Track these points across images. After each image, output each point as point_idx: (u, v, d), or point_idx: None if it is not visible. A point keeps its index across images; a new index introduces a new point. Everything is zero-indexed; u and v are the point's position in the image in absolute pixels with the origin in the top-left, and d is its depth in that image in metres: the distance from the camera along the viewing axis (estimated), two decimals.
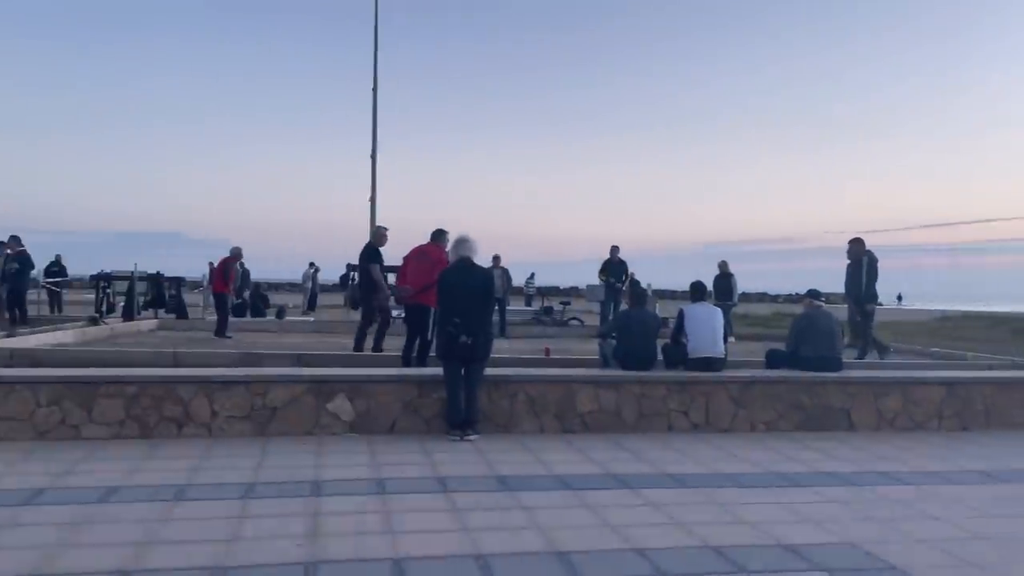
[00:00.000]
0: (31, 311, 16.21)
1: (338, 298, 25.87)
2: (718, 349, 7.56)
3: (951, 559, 3.94)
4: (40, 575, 3.39)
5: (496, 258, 16.33)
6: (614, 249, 17.36)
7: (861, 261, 10.81)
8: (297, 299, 27.89)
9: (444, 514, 4.43)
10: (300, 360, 9.64)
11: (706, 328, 7.54)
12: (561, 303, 21.55)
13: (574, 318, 20.25)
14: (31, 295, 16.79)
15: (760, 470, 5.78)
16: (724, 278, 16.84)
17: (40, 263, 17.80)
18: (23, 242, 15.29)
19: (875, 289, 10.89)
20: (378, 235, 10.41)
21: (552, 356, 10.82)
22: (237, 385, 6.41)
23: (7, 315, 15.05)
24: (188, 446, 5.99)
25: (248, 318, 18.83)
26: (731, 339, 12.28)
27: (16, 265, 14.79)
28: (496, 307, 16.12)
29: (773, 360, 8.20)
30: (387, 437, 6.51)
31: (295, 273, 30.10)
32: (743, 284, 17.94)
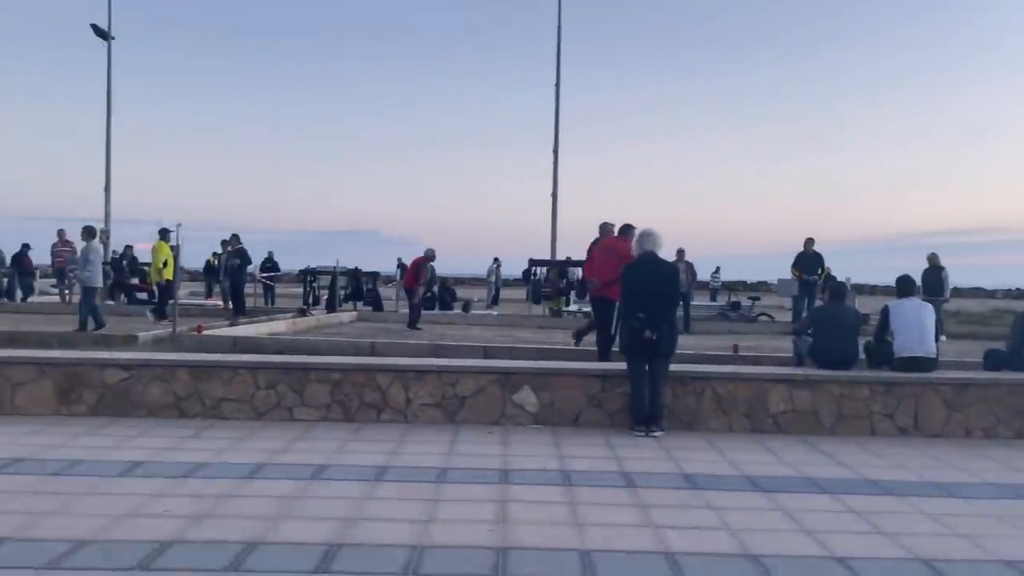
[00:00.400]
0: (248, 303, 17.85)
1: (520, 292, 26.43)
2: (928, 348, 6.96)
3: None
4: (261, 542, 3.73)
5: (680, 252, 15.99)
6: (808, 241, 16.43)
7: None
8: (482, 293, 28.80)
9: (630, 509, 4.41)
10: (486, 352, 9.94)
11: (914, 325, 6.97)
12: (749, 298, 20.77)
13: (763, 314, 19.46)
14: (248, 288, 18.49)
15: (977, 480, 5.27)
16: (934, 272, 15.46)
17: (256, 259, 19.55)
18: (241, 240, 16.87)
19: None
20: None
21: (740, 353, 10.44)
22: (430, 375, 6.72)
23: (229, 306, 16.71)
24: (386, 430, 6.36)
25: (436, 311, 19.69)
26: (942, 338, 11.29)
27: (237, 261, 16.34)
28: (680, 302, 15.83)
29: (992, 361, 7.45)
30: (571, 429, 6.57)
31: (479, 268, 31.11)
32: (954, 278, 16.41)
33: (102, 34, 22.42)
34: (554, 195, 24.00)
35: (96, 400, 6.69)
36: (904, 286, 7.45)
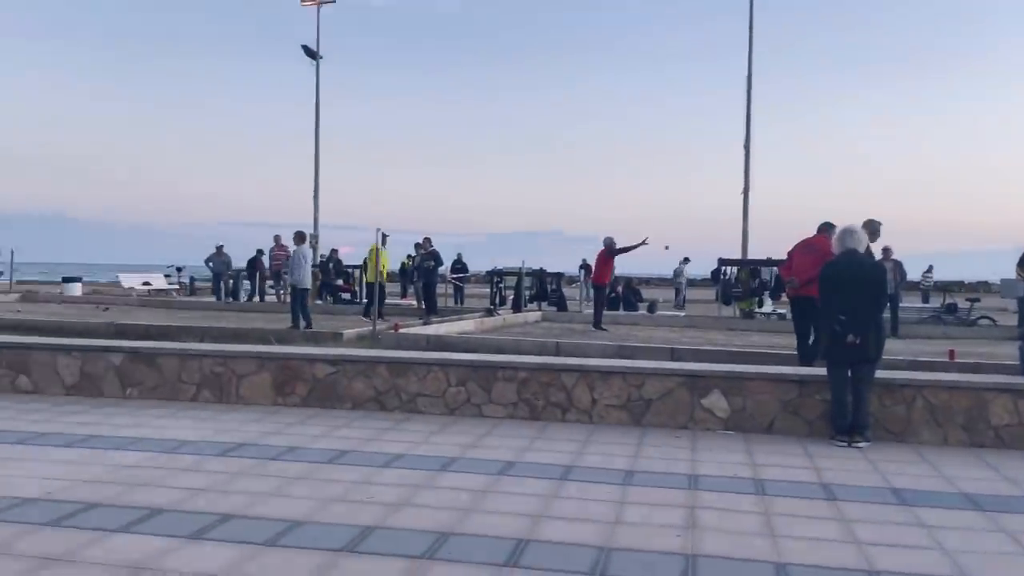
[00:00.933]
0: (439, 303, 18.65)
1: (709, 293, 25.69)
2: None
3: None
4: (452, 533, 3.88)
5: (887, 250, 14.83)
6: None
7: None
8: (668, 293, 28.30)
9: (830, 523, 4.15)
10: (673, 354, 9.75)
11: None
12: (967, 299, 18.91)
13: (984, 317, 17.67)
14: (439, 289, 19.32)
15: None
16: None
17: (446, 261, 20.39)
18: (433, 243, 17.66)
19: None
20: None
21: (957, 360, 9.53)
22: (615, 376, 6.69)
23: (422, 306, 17.56)
24: (571, 430, 6.41)
25: (621, 312, 19.58)
26: None
27: (431, 263, 17.14)
28: (887, 304, 14.70)
29: None
30: (764, 437, 6.29)
31: (665, 268, 30.59)
32: None
33: (311, 54, 24.33)
34: (745, 192, 23.15)
35: (307, 392, 7.26)
36: None
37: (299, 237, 13.80)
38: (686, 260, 25.52)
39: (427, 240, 17.49)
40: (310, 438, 5.97)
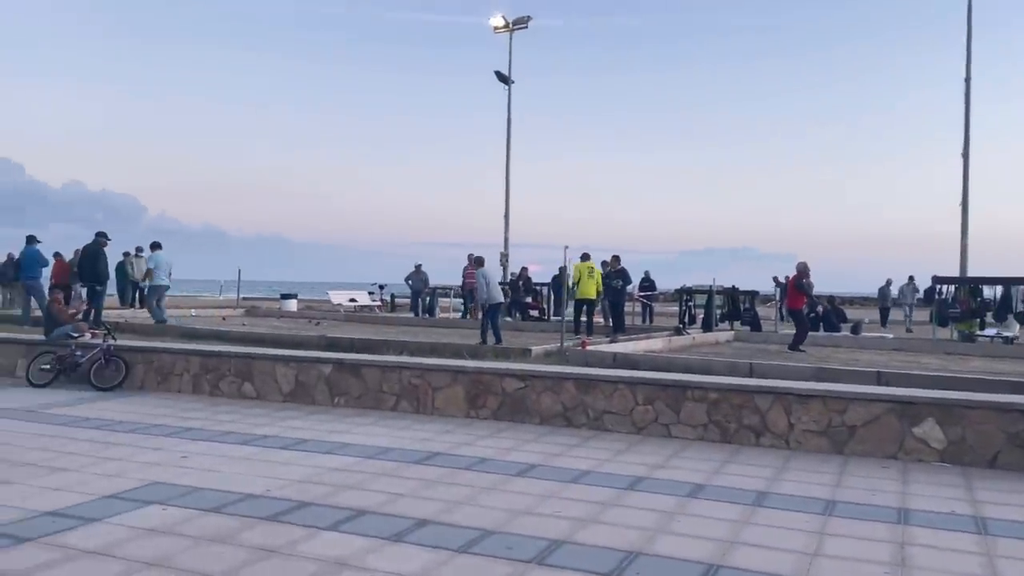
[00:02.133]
0: (626, 321, 18.51)
1: (923, 314, 23.63)
2: None
3: None
4: (640, 553, 3.83)
5: None
6: None
7: None
8: (873, 313, 26.35)
9: None
10: (879, 378, 9.06)
11: None
12: None
13: None
14: (627, 307, 19.17)
15: None
16: None
17: (635, 278, 20.21)
18: (621, 261, 17.58)
19: None
20: None
21: None
22: (814, 399, 6.33)
23: (609, 323, 17.52)
24: (765, 455, 6.14)
25: (822, 332, 18.48)
26: None
27: (619, 281, 17.07)
28: None
29: None
30: (987, 472, 5.69)
31: (868, 286, 28.53)
32: None
33: (504, 79, 25.21)
34: (964, 205, 21.13)
35: (497, 405, 7.47)
36: None
37: (478, 262, 14.38)
38: (911, 279, 23.25)
39: (615, 258, 17.45)
40: (500, 451, 6.14)
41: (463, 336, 14.96)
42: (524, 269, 23.48)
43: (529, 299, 21.96)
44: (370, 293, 29.83)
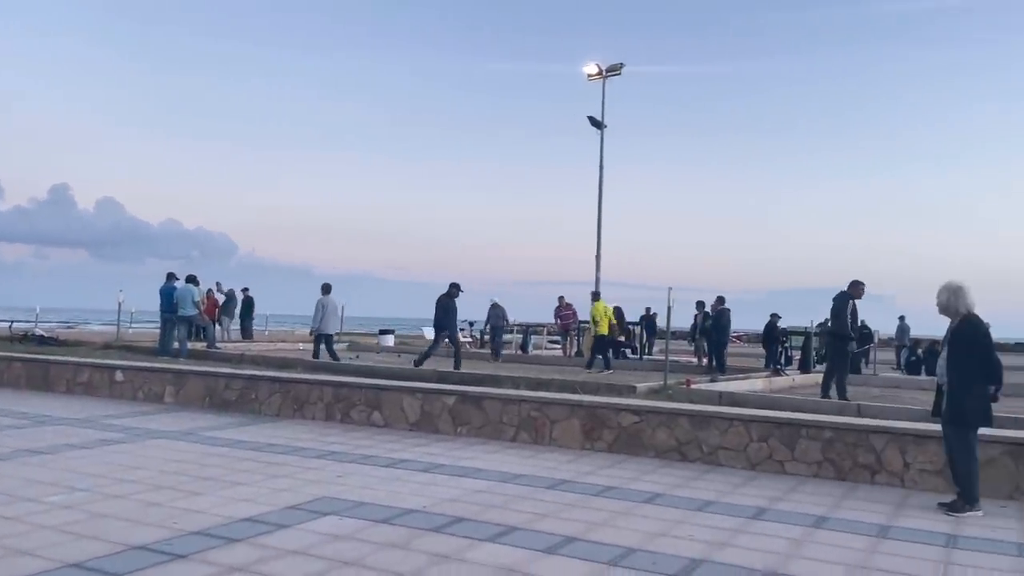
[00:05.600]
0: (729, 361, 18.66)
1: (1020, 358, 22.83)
2: None
3: None
4: (774, 571, 4.20)
5: None
6: None
7: None
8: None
9: None
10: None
11: None
12: None
13: None
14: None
15: None
16: None
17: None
18: (725, 301, 17.82)
19: None
20: None
21: None
22: (930, 440, 6.53)
23: (703, 362, 17.74)
24: (882, 492, 6.37)
25: (923, 376, 18.17)
26: None
27: (712, 320, 17.31)
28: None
29: None
30: None
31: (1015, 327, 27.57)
32: None
33: (596, 124, 25.87)
34: None
35: (612, 439, 7.90)
36: None
37: (324, 289, 16.34)
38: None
39: (719, 299, 17.74)
40: (623, 479, 6.56)
41: (560, 371, 15.42)
42: (618, 308, 23.87)
43: (622, 337, 22.29)
44: (461, 330, 30.67)
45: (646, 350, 23.63)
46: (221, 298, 22.33)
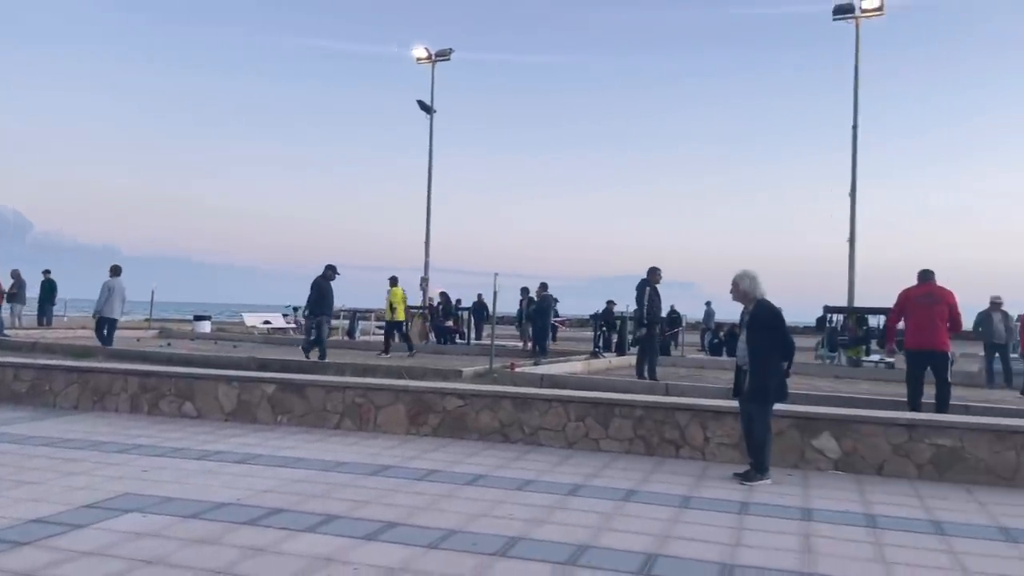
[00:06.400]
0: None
1: (810, 340, 25.28)
2: None
3: None
4: (589, 546, 4.40)
5: (995, 300, 14.55)
6: None
7: None
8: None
9: (939, 554, 4.45)
10: None
11: None
12: None
13: None
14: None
15: None
16: None
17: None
18: (547, 288, 18.37)
19: None
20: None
21: None
22: (727, 415, 7.07)
23: (527, 346, 18.24)
24: (685, 465, 6.83)
25: (723, 357, 19.65)
26: None
27: (552, 301, 17.83)
28: (996, 354, 14.36)
29: None
30: (875, 478, 6.54)
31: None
32: None
33: (426, 108, 25.80)
34: (851, 240, 22.88)
35: (438, 423, 7.94)
36: None
37: (113, 271, 15.71)
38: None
39: (542, 285, 18.24)
40: (446, 463, 6.61)
41: (389, 358, 15.31)
42: (443, 294, 23.99)
43: (450, 323, 22.44)
44: (284, 315, 29.64)
45: (475, 335, 23.93)
46: (9, 282, 20.28)
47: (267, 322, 27.46)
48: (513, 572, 3.94)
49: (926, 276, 8.95)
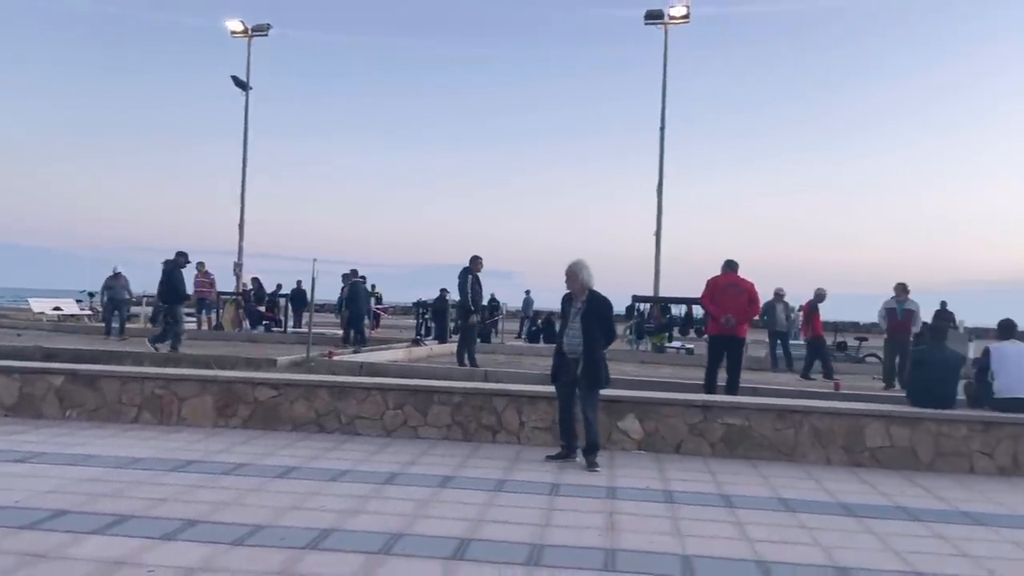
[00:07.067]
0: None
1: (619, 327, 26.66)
2: None
3: None
4: (404, 534, 4.38)
5: (778, 292, 16.02)
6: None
7: None
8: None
9: (727, 525, 4.84)
10: None
11: (1015, 367, 7.07)
12: (856, 339, 20.39)
13: (872, 354, 19.10)
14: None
15: None
16: None
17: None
18: (359, 274, 18.03)
19: None
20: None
21: (842, 391, 10.54)
22: (541, 400, 7.30)
23: (352, 335, 17.90)
24: (501, 449, 6.98)
25: (541, 344, 20.26)
26: None
27: (348, 293, 17.50)
28: (779, 341, 15.81)
29: None
30: (673, 456, 7.00)
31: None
32: None
33: (241, 85, 24.52)
34: (657, 234, 24.30)
35: (249, 414, 7.60)
36: (1006, 329, 7.57)
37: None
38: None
39: (353, 271, 17.88)
40: (257, 456, 6.35)
41: (202, 348, 14.46)
42: (255, 279, 23.00)
43: (263, 308, 21.55)
44: (78, 301, 27.25)
45: (293, 323, 23.13)
46: None
47: (57, 308, 25.12)
48: (323, 565, 3.85)
49: (731, 266, 9.55)
